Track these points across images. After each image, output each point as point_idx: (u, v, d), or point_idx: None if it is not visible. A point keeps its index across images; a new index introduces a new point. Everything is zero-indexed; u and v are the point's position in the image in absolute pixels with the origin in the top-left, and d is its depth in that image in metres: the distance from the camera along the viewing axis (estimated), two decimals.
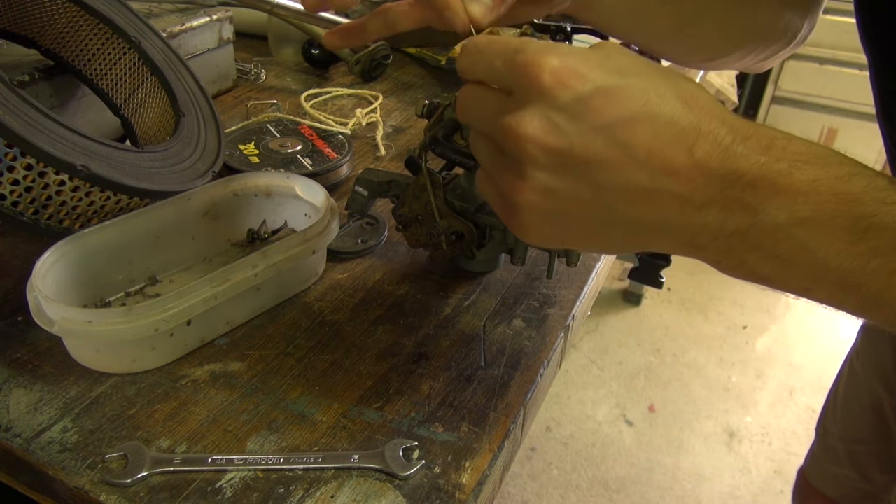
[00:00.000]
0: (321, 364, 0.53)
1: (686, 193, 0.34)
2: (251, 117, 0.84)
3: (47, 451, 0.44)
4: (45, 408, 0.47)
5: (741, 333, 2.20)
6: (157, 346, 0.50)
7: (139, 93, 0.72)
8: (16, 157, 0.51)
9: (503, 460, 0.48)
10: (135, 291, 0.58)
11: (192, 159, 0.64)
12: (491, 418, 0.49)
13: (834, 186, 0.33)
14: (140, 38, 0.70)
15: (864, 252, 0.33)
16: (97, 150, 0.55)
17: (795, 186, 0.33)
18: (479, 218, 0.61)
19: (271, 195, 0.64)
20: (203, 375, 0.51)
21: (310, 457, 0.45)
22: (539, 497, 1.68)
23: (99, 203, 0.56)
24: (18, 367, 0.51)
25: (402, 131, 0.88)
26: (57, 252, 0.51)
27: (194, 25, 0.86)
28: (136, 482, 0.43)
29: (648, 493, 1.70)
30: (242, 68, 1.00)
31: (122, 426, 0.47)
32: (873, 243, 0.32)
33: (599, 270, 0.66)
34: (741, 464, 1.79)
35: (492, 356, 0.54)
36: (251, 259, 0.53)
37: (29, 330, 0.53)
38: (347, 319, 0.57)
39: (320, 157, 0.74)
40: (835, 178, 0.33)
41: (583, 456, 1.79)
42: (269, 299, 0.57)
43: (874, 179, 0.33)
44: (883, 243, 0.32)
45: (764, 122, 2.80)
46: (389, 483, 0.44)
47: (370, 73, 0.99)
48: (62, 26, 0.70)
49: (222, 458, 0.44)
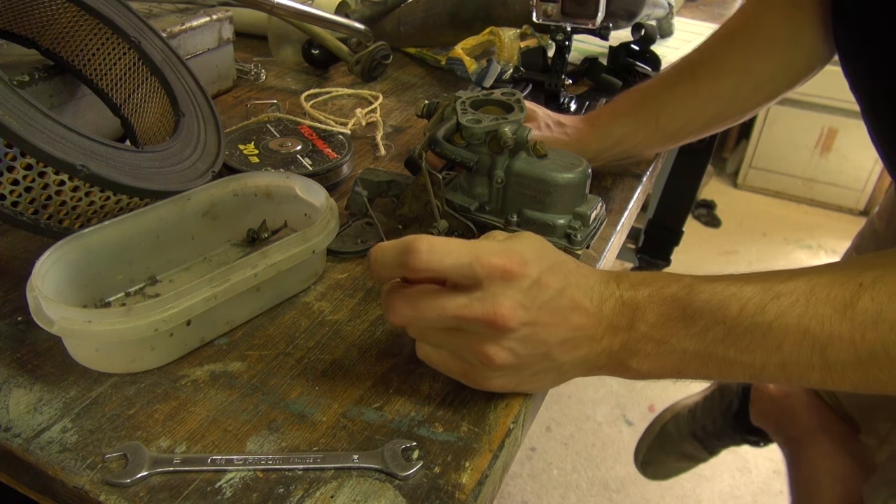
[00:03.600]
0: (321, 364, 0.53)
1: (592, 333, 0.46)
2: (251, 117, 0.84)
3: (47, 451, 0.44)
4: (45, 408, 0.47)
5: None
6: (156, 346, 0.50)
7: (139, 93, 0.72)
8: (16, 157, 0.51)
9: (503, 460, 0.48)
10: (135, 291, 0.58)
11: (191, 159, 0.64)
12: (491, 418, 0.48)
13: (662, 294, 0.46)
14: (140, 38, 0.70)
15: (698, 331, 0.45)
16: (97, 150, 0.55)
17: (642, 303, 0.46)
18: (478, 218, 0.61)
19: (271, 195, 0.64)
20: (203, 375, 0.51)
21: (309, 457, 0.45)
22: (539, 497, 1.68)
23: (99, 203, 0.56)
24: (18, 367, 0.51)
25: (402, 131, 0.88)
26: (57, 252, 0.51)
27: (194, 25, 0.86)
28: (135, 482, 0.43)
29: (648, 493, 1.70)
30: (242, 68, 1.00)
31: (121, 426, 0.47)
32: (701, 322, 0.44)
33: None
34: (741, 464, 1.79)
35: None
36: (251, 259, 0.53)
37: (29, 330, 0.53)
38: (347, 319, 0.57)
39: (320, 157, 0.74)
40: (660, 289, 0.46)
41: (583, 456, 1.79)
42: (269, 299, 0.57)
43: (684, 279, 0.46)
44: (707, 318, 0.44)
45: (763, 122, 2.80)
46: (389, 483, 0.44)
47: (370, 73, 0.99)
48: (62, 26, 0.70)
49: (222, 458, 0.44)
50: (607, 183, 0.79)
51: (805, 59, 0.72)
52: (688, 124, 0.75)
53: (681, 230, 2.03)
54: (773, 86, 0.74)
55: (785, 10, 0.70)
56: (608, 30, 0.90)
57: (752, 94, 0.74)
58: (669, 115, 0.74)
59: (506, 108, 0.61)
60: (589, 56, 1.03)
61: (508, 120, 0.59)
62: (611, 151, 0.75)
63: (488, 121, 0.59)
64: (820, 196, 2.88)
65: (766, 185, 2.94)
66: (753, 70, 0.72)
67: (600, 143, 0.74)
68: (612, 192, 0.77)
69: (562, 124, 0.74)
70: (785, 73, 0.73)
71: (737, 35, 0.74)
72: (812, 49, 0.70)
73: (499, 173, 0.59)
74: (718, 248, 2.58)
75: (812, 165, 2.83)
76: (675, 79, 0.75)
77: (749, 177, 2.95)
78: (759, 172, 2.93)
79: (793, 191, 2.91)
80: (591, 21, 0.88)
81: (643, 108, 0.75)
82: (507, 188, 0.60)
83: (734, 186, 2.98)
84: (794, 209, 2.87)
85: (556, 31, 0.90)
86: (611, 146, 0.74)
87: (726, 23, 0.76)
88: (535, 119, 0.73)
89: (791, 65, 0.73)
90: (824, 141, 2.76)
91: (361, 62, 0.98)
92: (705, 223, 2.71)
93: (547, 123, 0.74)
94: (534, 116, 0.73)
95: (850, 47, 0.64)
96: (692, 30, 1.28)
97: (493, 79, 0.94)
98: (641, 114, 0.74)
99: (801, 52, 0.71)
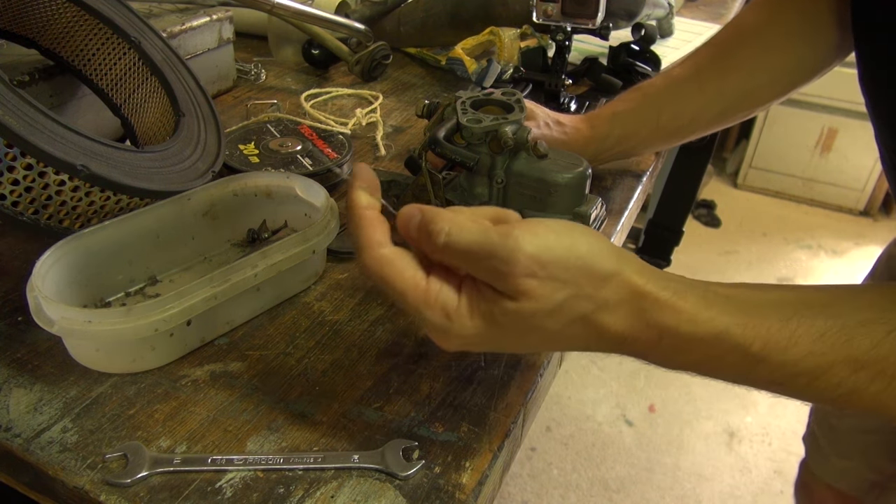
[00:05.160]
0: (321, 364, 0.53)
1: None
2: (251, 117, 0.84)
3: (47, 451, 0.44)
4: (45, 408, 0.47)
5: None
6: (156, 346, 0.50)
7: (139, 93, 0.72)
8: (16, 157, 0.51)
9: (503, 460, 0.48)
10: (135, 291, 0.58)
11: (191, 159, 0.64)
12: (491, 418, 0.48)
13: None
14: (140, 38, 0.70)
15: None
16: (97, 150, 0.55)
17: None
18: None
19: (271, 195, 0.63)
20: (203, 375, 0.51)
21: (310, 457, 0.45)
22: (539, 497, 1.68)
23: (99, 203, 0.56)
24: (18, 367, 0.51)
25: (402, 131, 0.88)
26: (57, 252, 0.51)
27: (194, 25, 0.86)
28: (135, 482, 0.43)
29: (648, 493, 1.70)
30: (242, 68, 1.00)
31: (121, 426, 0.47)
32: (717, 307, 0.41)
33: None
34: (741, 464, 1.79)
35: (492, 356, 0.54)
36: (251, 259, 0.53)
37: (29, 330, 0.53)
38: (347, 319, 0.57)
39: (320, 157, 0.74)
40: None
41: (583, 456, 1.79)
42: (269, 299, 0.57)
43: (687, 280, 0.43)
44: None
45: (764, 122, 2.80)
46: (389, 483, 0.44)
47: (370, 73, 0.99)
48: (62, 26, 0.70)
49: (222, 458, 0.44)
50: (607, 183, 0.79)
51: (821, 53, 0.70)
52: (692, 122, 0.74)
53: (681, 230, 2.03)
54: (788, 80, 0.72)
55: (801, 4, 0.69)
56: (608, 30, 0.90)
57: (763, 90, 0.72)
58: (672, 114, 0.73)
59: (506, 108, 0.61)
60: (589, 56, 1.03)
61: (508, 120, 0.59)
62: (611, 151, 0.74)
63: (488, 121, 0.59)
64: (820, 196, 2.88)
65: (766, 185, 2.94)
66: (766, 66, 0.71)
67: (600, 142, 0.73)
68: (612, 192, 0.77)
69: (561, 123, 0.74)
70: (799, 68, 0.71)
71: (748, 30, 0.72)
72: (828, 43, 0.69)
73: (499, 173, 0.59)
74: (718, 248, 2.58)
75: (812, 165, 2.83)
76: (679, 77, 0.74)
77: (749, 177, 2.95)
78: (759, 172, 2.93)
79: (793, 191, 2.91)
80: (591, 21, 0.88)
81: (645, 107, 0.74)
82: (508, 188, 0.60)
83: (734, 186, 2.98)
84: (794, 209, 2.87)
85: (556, 31, 0.90)
86: (611, 145, 0.74)
87: (737, 17, 0.75)
88: (534, 118, 0.73)
89: (806, 60, 0.71)
90: (824, 141, 2.76)
91: (361, 62, 0.98)
92: (705, 223, 2.71)
93: (546, 122, 0.73)
94: (533, 116, 0.73)
95: (869, 32, 0.61)
96: (692, 30, 1.28)
97: (493, 79, 0.94)
98: (643, 113, 0.74)
99: (817, 46, 0.69)
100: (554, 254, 0.39)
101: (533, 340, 0.42)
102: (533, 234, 0.39)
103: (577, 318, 0.40)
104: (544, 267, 0.39)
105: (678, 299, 0.41)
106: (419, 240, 0.42)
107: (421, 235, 0.41)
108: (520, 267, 0.38)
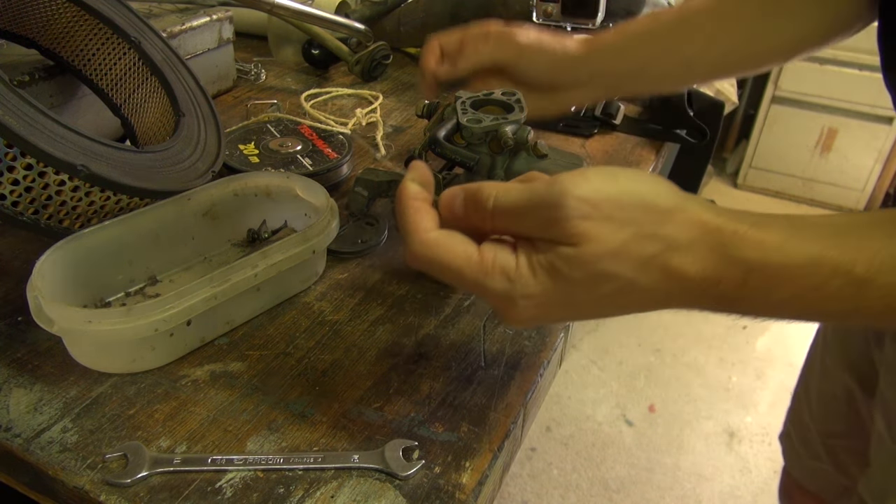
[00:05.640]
0: (321, 364, 0.53)
1: None
2: (251, 117, 0.84)
3: (47, 451, 0.44)
4: (45, 408, 0.47)
5: (741, 333, 2.20)
6: (156, 346, 0.50)
7: (139, 93, 0.72)
8: (16, 157, 0.51)
9: (503, 460, 0.48)
10: (135, 291, 0.58)
11: (191, 159, 0.64)
12: (491, 418, 0.48)
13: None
14: (140, 38, 0.70)
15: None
16: (97, 150, 0.55)
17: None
18: None
19: (271, 195, 0.63)
20: (203, 375, 0.51)
21: (310, 457, 0.45)
22: (539, 497, 1.68)
23: (99, 203, 0.56)
24: (18, 367, 0.51)
25: (402, 131, 0.88)
26: (57, 252, 0.51)
27: (194, 25, 0.86)
28: (135, 482, 0.43)
29: (648, 493, 1.70)
30: (242, 68, 1.00)
31: (121, 426, 0.47)
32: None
33: None
34: (741, 464, 1.79)
35: (492, 356, 0.54)
36: (251, 259, 0.53)
37: (29, 330, 0.53)
38: (347, 319, 0.57)
39: (320, 157, 0.74)
40: None
41: (583, 456, 1.79)
42: (269, 299, 0.57)
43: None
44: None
45: (763, 122, 2.80)
46: (389, 483, 0.44)
47: (370, 73, 0.99)
48: (62, 26, 0.70)
49: (222, 458, 0.44)
50: None
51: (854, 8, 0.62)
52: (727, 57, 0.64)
53: None
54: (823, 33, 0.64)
55: None
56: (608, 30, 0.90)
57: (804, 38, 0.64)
58: (705, 44, 0.64)
59: (506, 108, 0.61)
60: None
61: (508, 120, 0.59)
62: (610, 75, 0.65)
63: (488, 121, 0.59)
64: (820, 196, 2.88)
65: (766, 185, 2.94)
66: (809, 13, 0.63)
67: (600, 60, 0.64)
68: None
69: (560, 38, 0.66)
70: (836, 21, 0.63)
71: None
72: None
73: (499, 173, 0.59)
74: None
75: (812, 165, 2.83)
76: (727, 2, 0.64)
77: (749, 177, 2.95)
78: (759, 172, 2.93)
79: (793, 191, 2.91)
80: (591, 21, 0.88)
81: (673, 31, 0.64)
82: None
83: (734, 186, 2.98)
84: (794, 209, 2.87)
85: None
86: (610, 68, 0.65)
87: None
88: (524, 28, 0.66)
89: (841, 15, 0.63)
90: (824, 141, 2.76)
91: (361, 62, 0.98)
92: None
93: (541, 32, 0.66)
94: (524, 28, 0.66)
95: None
96: None
97: None
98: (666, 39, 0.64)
99: None
100: (605, 193, 0.37)
101: (607, 294, 0.39)
102: (582, 178, 0.38)
103: (648, 262, 0.37)
104: (597, 207, 0.37)
105: (759, 230, 0.38)
106: (466, 214, 0.41)
107: (468, 208, 0.40)
108: (570, 210, 0.36)
